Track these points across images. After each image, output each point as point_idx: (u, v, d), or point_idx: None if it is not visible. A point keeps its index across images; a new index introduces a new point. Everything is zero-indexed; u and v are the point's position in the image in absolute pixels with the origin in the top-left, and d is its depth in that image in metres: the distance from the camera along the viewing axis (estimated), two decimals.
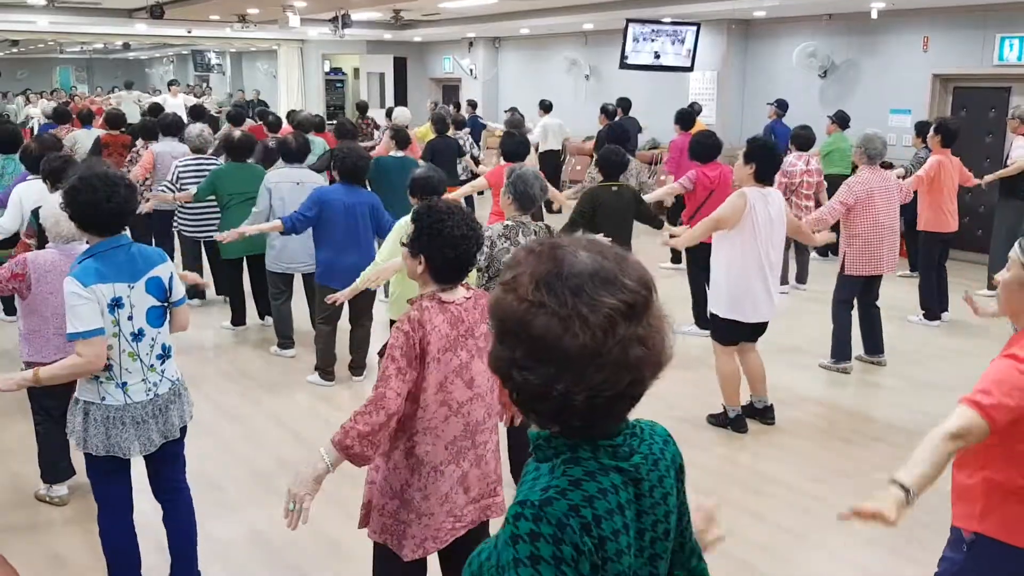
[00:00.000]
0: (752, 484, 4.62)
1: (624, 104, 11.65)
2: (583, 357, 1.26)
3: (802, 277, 8.68)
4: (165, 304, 3.26)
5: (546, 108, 13.03)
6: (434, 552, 2.69)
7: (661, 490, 1.42)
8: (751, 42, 12.65)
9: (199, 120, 10.31)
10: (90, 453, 3.19)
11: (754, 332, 5.16)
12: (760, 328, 5.15)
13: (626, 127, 9.72)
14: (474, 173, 9.66)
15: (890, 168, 7.32)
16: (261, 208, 6.24)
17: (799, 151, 8.16)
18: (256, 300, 7.29)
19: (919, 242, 7.53)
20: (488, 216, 6.65)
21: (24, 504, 4.34)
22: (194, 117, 11.06)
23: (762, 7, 10.90)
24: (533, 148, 11.12)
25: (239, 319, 7.34)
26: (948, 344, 6.95)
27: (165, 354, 3.27)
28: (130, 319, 3.12)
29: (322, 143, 9.66)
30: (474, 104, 14.79)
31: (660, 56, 11.86)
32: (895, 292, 7.53)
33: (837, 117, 9.69)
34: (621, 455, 1.38)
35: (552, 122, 12.84)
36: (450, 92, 19.02)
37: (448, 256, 2.59)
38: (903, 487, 2.02)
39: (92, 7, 14.22)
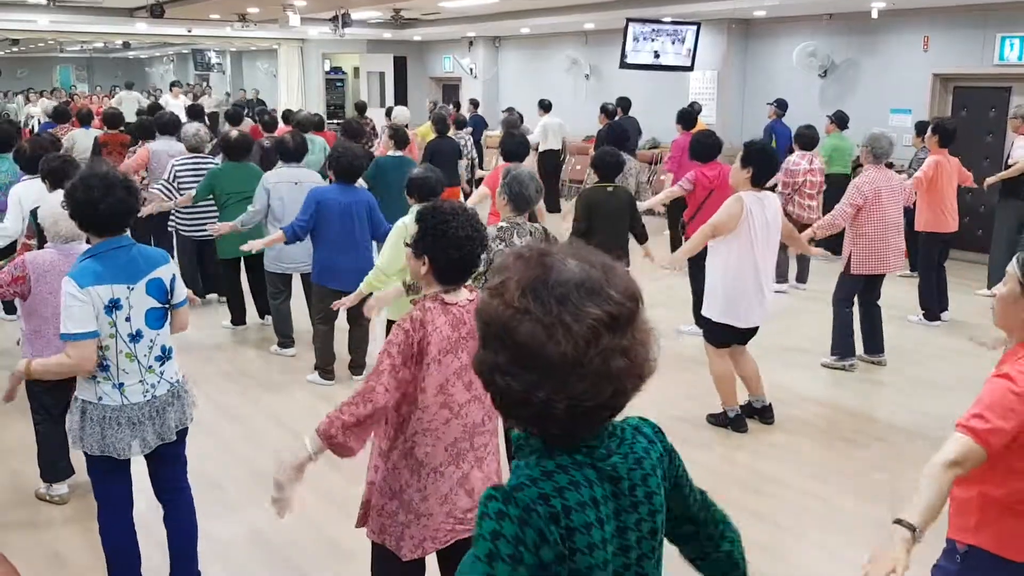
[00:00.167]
0: (752, 484, 4.62)
1: (624, 104, 11.64)
2: (565, 366, 1.27)
3: (802, 276, 8.67)
4: (166, 306, 3.25)
5: (546, 107, 13.02)
6: (433, 552, 2.69)
7: (644, 489, 1.43)
8: (751, 42, 12.64)
9: (196, 120, 10.31)
10: (86, 452, 3.20)
11: (745, 335, 5.15)
12: (751, 331, 5.15)
13: (626, 127, 9.70)
14: (477, 179, 9.70)
15: (890, 168, 7.31)
16: (259, 207, 6.24)
17: (803, 150, 8.15)
18: (255, 299, 7.29)
19: (919, 242, 7.53)
20: (487, 217, 6.64)
21: (24, 503, 4.34)
22: (191, 117, 11.05)
23: (762, 7, 10.90)
24: (533, 148, 11.11)
25: (239, 319, 7.34)
26: (948, 344, 6.95)
27: (165, 355, 3.26)
28: (128, 320, 3.11)
29: (322, 142, 9.67)
30: (476, 103, 14.79)
31: (660, 55, 11.86)
32: (895, 292, 7.52)
33: (836, 117, 9.68)
34: (597, 456, 1.40)
35: (552, 121, 12.83)
36: (450, 91, 19.03)
37: (452, 257, 2.58)
38: (910, 527, 2.03)
39: (92, 6, 14.21)
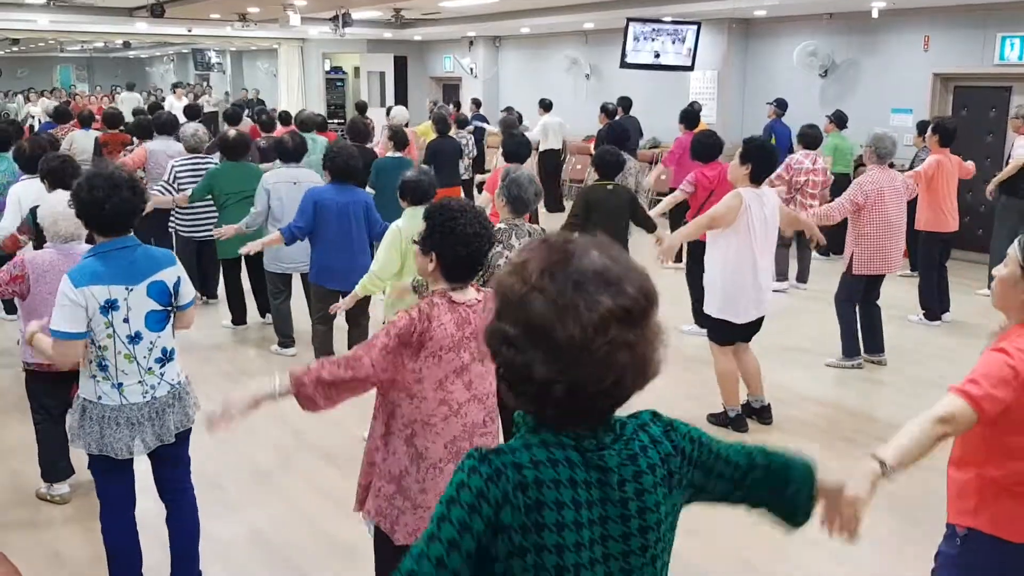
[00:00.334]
0: None
1: (625, 103, 11.64)
2: (571, 349, 1.31)
3: (803, 276, 8.67)
4: (168, 308, 3.22)
5: (546, 107, 13.02)
6: None
7: (635, 486, 1.43)
8: (752, 41, 12.64)
9: (194, 119, 10.30)
10: (85, 451, 3.20)
11: (747, 332, 5.16)
12: (753, 328, 5.15)
13: (626, 126, 9.71)
14: (478, 183, 9.71)
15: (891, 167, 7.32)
16: (260, 208, 6.23)
17: (806, 149, 8.17)
18: (256, 297, 7.29)
19: (919, 242, 7.53)
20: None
21: (24, 502, 4.34)
22: (189, 116, 11.01)
23: (763, 6, 10.90)
24: (533, 147, 11.11)
25: (239, 318, 7.34)
26: (948, 344, 6.95)
27: (166, 357, 3.24)
28: (126, 321, 3.10)
29: (324, 142, 9.66)
30: (478, 103, 14.79)
31: (660, 55, 11.85)
32: (895, 292, 7.52)
33: (835, 117, 9.71)
34: (586, 445, 1.41)
35: (552, 121, 12.82)
36: (450, 91, 19.03)
37: (460, 254, 2.59)
38: (880, 461, 2.04)
39: (92, 6, 14.19)
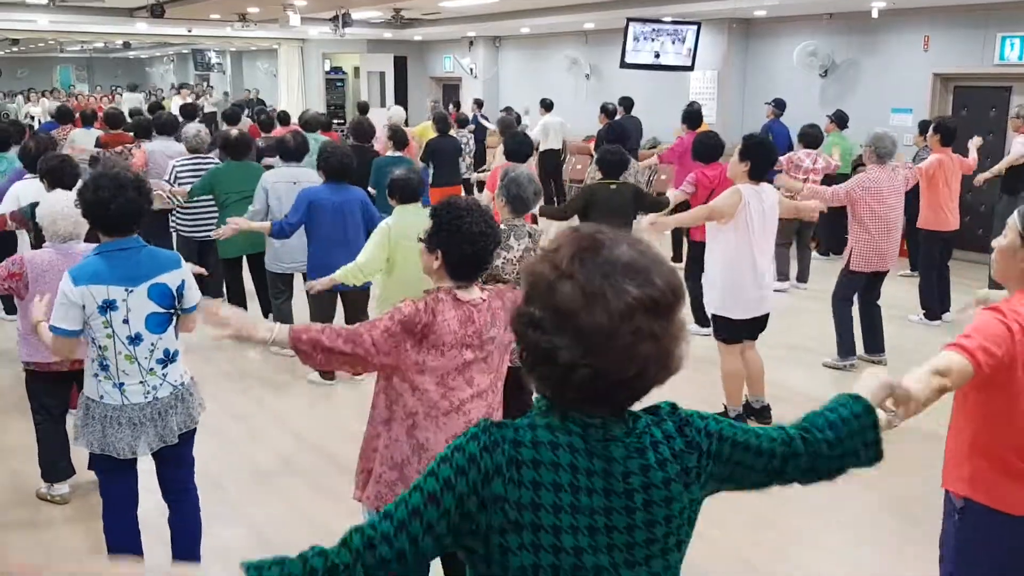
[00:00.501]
0: None
1: (626, 103, 11.63)
2: (596, 335, 1.32)
3: (803, 276, 8.68)
4: (170, 311, 3.20)
5: (547, 107, 13.01)
6: None
7: (641, 479, 1.43)
8: (752, 41, 12.64)
9: (191, 119, 10.27)
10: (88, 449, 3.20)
11: (752, 329, 5.16)
12: (759, 326, 5.16)
13: (626, 126, 9.71)
14: (478, 182, 9.70)
15: None
16: (258, 207, 6.22)
17: (807, 148, 8.20)
18: (258, 296, 7.26)
19: (919, 241, 7.53)
20: None
21: (25, 502, 4.34)
22: (185, 116, 10.94)
23: (763, 6, 10.90)
24: (534, 147, 11.10)
25: None
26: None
27: (168, 359, 3.23)
28: (125, 322, 3.09)
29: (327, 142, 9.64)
30: (480, 103, 14.78)
31: (660, 55, 11.84)
32: (895, 291, 7.52)
33: (835, 116, 9.75)
34: (593, 435, 1.42)
35: (553, 121, 12.81)
36: (450, 91, 19.03)
37: (466, 252, 2.60)
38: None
39: (92, 6, 14.18)
